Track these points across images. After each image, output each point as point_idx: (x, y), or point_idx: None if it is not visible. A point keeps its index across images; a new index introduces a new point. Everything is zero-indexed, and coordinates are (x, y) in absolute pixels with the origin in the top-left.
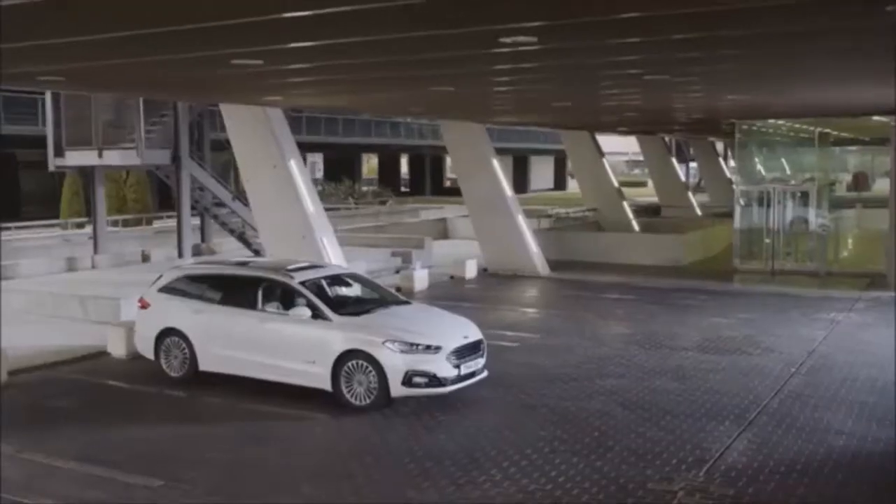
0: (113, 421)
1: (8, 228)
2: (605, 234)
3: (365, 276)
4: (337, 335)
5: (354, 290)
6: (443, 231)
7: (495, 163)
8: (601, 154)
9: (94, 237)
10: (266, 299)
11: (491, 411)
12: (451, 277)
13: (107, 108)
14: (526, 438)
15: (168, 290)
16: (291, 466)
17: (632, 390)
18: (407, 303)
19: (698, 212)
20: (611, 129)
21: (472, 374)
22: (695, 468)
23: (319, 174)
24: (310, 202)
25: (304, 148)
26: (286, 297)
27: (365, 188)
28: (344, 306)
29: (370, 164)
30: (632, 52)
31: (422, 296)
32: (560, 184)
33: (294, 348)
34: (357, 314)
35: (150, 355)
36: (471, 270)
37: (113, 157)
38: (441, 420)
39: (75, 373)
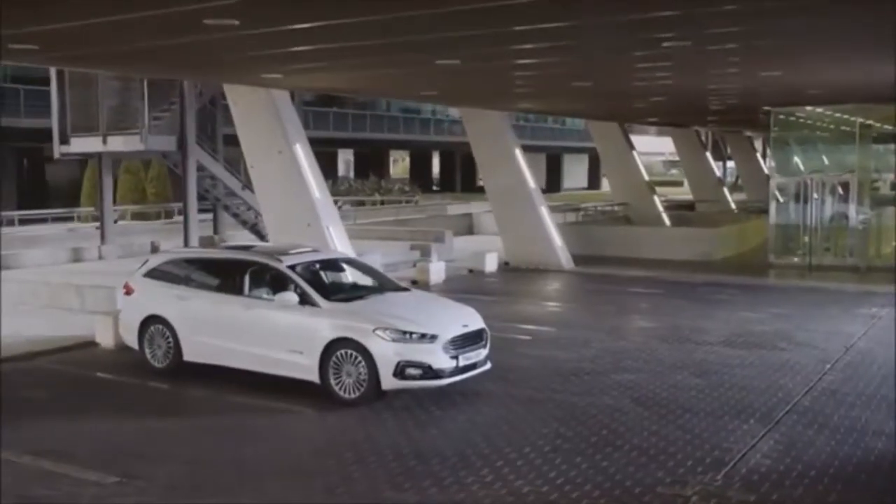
0: (84, 413)
1: (11, 222)
2: (632, 227)
3: (363, 262)
4: (325, 322)
5: (352, 277)
6: (468, 227)
7: (518, 153)
8: (631, 147)
9: (101, 227)
10: (255, 284)
11: (491, 406)
12: (470, 271)
13: (112, 94)
14: (526, 436)
15: (153, 275)
16: (262, 462)
17: (648, 386)
18: (406, 290)
19: (734, 207)
20: (641, 119)
21: (473, 366)
22: (712, 471)
23: (352, 173)
24: (316, 189)
25: (330, 144)
26: (276, 283)
27: (392, 186)
28: (337, 292)
29: (403, 164)
30: (650, 7)
31: (437, 289)
32: (594, 183)
33: (280, 337)
34: (349, 300)
35: (135, 344)
36: (491, 264)
37: (117, 143)
38: (435, 415)
39: (57, 363)
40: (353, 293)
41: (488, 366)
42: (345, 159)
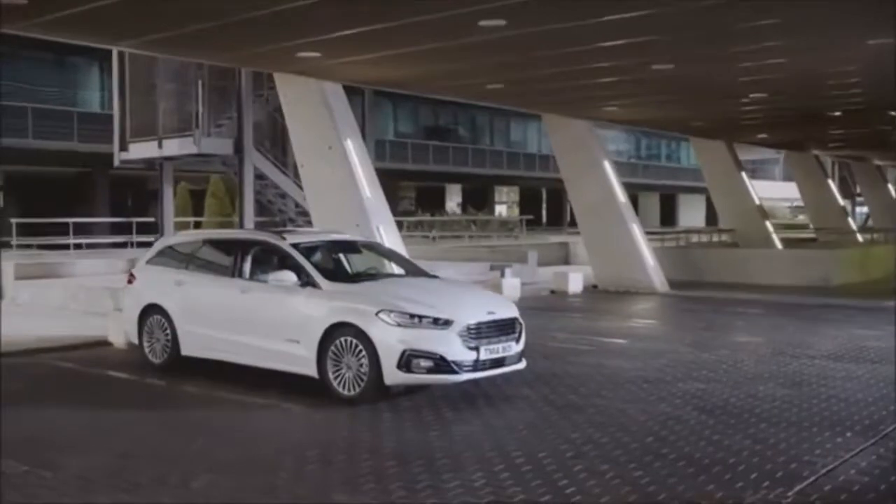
0: (45, 407)
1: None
2: (737, 250)
3: (388, 248)
4: (323, 305)
5: (375, 263)
6: (564, 256)
7: (607, 165)
8: (740, 168)
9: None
10: (258, 266)
11: (517, 409)
12: (552, 292)
13: (170, 98)
14: (547, 440)
15: (156, 260)
16: (206, 458)
17: (720, 395)
18: (434, 277)
19: (859, 237)
20: (749, 136)
21: (501, 362)
22: (783, 485)
23: (459, 208)
24: (367, 187)
25: (435, 178)
26: (281, 264)
27: (492, 219)
28: (347, 275)
29: (514, 210)
30: None
31: None
32: (711, 222)
33: (275, 324)
34: (356, 282)
35: (135, 339)
36: (575, 285)
37: (172, 147)
38: (445, 416)
39: (56, 360)
40: (365, 276)
41: (522, 364)
42: (455, 198)
